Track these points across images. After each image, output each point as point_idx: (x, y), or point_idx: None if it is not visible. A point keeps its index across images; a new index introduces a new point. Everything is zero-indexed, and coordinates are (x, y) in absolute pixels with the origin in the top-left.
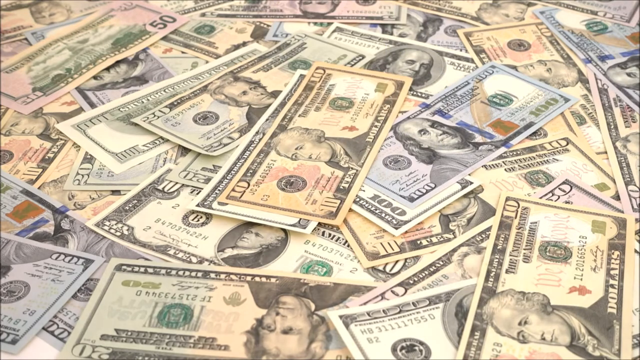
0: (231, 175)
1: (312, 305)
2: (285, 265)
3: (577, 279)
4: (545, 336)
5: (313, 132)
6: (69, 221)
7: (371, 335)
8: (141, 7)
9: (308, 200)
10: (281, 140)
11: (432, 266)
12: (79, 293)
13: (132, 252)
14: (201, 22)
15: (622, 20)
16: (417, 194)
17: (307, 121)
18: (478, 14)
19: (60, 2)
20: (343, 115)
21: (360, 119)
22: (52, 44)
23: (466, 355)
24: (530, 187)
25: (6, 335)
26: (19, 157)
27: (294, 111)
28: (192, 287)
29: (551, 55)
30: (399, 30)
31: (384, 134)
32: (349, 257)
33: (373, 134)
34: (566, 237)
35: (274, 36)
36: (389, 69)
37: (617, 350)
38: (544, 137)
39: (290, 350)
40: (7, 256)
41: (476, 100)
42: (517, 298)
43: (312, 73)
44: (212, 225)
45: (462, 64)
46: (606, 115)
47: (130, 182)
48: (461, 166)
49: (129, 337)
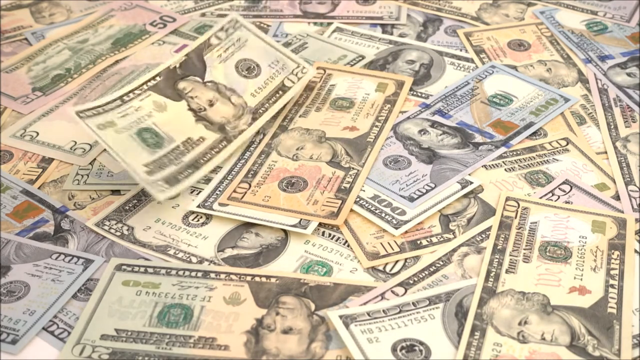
0: (232, 176)
1: (312, 305)
2: (285, 265)
3: (577, 279)
4: (545, 336)
5: (314, 132)
6: (69, 221)
7: (371, 335)
8: (141, 7)
9: (309, 201)
10: (282, 140)
11: (432, 266)
12: (79, 293)
13: (132, 252)
14: (201, 22)
15: (622, 20)
16: (417, 194)
17: (308, 121)
18: (478, 14)
19: (60, 2)
20: (344, 116)
21: (360, 119)
22: (52, 44)
23: (466, 355)
24: (530, 187)
25: (6, 335)
26: (19, 157)
27: (294, 112)
28: (192, 287)
29: (551, 55)
30: (399, 30)
31: (384, 134)
32: (349, 257)
33: (374, 134)
34: (566, 237)
35: (274, 36)
36: (389, 69)
37: (617, 350)
38: (544, 137)
39: (290, 350)
40: (7, 256)
41: (476, 100)
42: (517, 298)
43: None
44: (212, 225)
45: (462, 64)
46: (606, 115)
47: (130, 182)
48: (461, 166)
49: (129, 337)
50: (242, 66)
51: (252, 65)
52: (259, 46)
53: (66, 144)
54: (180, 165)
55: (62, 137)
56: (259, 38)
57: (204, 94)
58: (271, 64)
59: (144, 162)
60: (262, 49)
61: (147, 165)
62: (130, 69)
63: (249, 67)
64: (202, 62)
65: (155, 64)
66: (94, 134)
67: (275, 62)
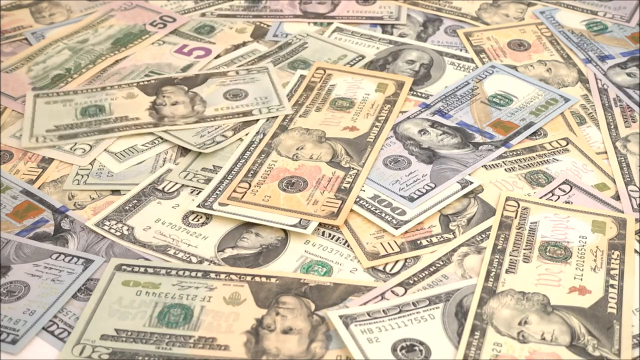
0: (232, 175)
1: (312, 305)
2: (285, 265)
3: (577, 279)
4: (545, 336)
5: (314, 132)
6: (69, 221)
7: (371, 335)
8: (141, 7)
9: (309, 201)
10: (282, 140)
11: (432, 266)
12: (79, 293)
13: (132, 252)
14: (201, 22)
15: (622, 20)
16: (417, 194)
17: (308, 121)
18: (478, 14)
19: (60, 2)
20: (344, 116)
21: (360, 119)
22: (52, 44)
23: (466, 355)
24: (530, 187)
25: (6, 335)
26: (19, 157)
27: (294, 112)
28: (192, 287)
29: (551, 55)
30: (399, 30)
31: (384, 134)
32: (349, 257)
33: (374, 134)
34: (566, 237)
35: (274, 36)
36: (389, 69)
37: (617, 350)
38: (544, 137)
39: (290, 350)
40: (7, 256)
41: (476, 100)
42: (517, 298)
43: (313, 73)
44: (212, 225)
45: (462, 64)
46: (606, 115)
47: (130, 182)
48: (461, 166)
49: (129, 337)
50: (232, 92)
51: (241, 93)
52: (263, 84)
53: (66, 144)
54: (93, 128)
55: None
56: (270, 81)
57: (177, 96)
58: (258, 97)
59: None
60: (263, 85)
61: (57, 128)
62: (130, 69)
63: (237, 95)
64: (204, 81)
65: (155, 64)
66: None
67: (264, 97)
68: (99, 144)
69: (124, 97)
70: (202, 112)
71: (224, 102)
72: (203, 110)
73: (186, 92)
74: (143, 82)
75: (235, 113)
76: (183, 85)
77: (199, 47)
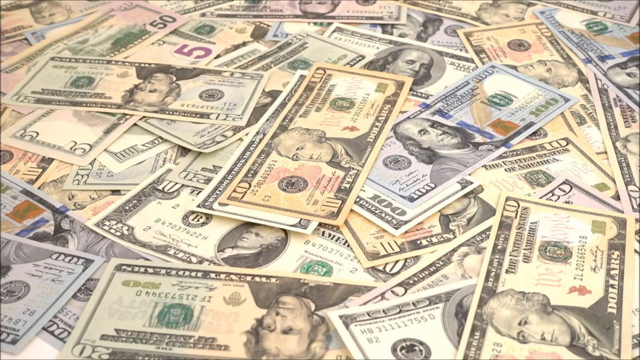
0: (232, 175)
1: (312, 305)
2: (285, 265)
3: (577, 279)
4: (545, 336)
5: (314, 132)
6: (69, 221)
7: (371, 335)
8: (141, 7)
9: (309, 201)
10: (282, 140)
11: (432, 266)
12: (79, 293)
13: (132, 252)
14: (201, 22)
15: (622, 20)
16: (417, 194)
17: (308, 121)
18: (478, 14)
19: (60, 2)
20: (344, 116)
21: (361, 119)
22: (52, 44)
23: (466, 355)
24: (530, 187)
25: (6, 335)
26: (19, 157)
27: (294, 112)
28: (192, 287)
29: (551, 55)
30: (399, 30)
31: (384, 134)
32: (349, 257)
33: (374, 134)
34: (566, 237)
35: (274, 36)
36: (389, 69)
37: (617, 350)
38: (544, 137)
39: (290, 350)
40: (7, 256)
41: (476, 100)
42: (517, 298)
43: (313, 73)
44: (212, 225)
45: (462, 64)
46: (606, 115)
47: (130, 182)
48: (461, 166)
49: (129, 337)
50: (210, 92)
51: (217, 94)
52: (243, 91)
53: (66, 144)
54: (68, 98)
55: (62, 137)
56: (253, 89)
57: (160, 85)
58: (228, 102)
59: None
60: (242, 92)
61: (42, 91)
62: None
63: (212, 95)
64: (196, 76)
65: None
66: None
67: (232, 104)
68: (99, 144)
69: (117, 75)
70: (168, 104)
71: (195, 99)
72: (170, 103)
73: (171, 83)
74: (142, 65)
75: (193, 112)
76: (174, 75)
77: (199, 47)
